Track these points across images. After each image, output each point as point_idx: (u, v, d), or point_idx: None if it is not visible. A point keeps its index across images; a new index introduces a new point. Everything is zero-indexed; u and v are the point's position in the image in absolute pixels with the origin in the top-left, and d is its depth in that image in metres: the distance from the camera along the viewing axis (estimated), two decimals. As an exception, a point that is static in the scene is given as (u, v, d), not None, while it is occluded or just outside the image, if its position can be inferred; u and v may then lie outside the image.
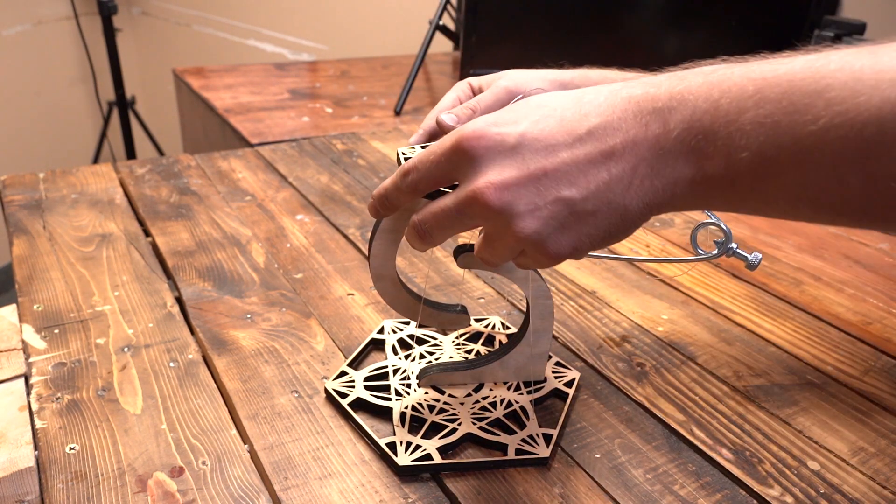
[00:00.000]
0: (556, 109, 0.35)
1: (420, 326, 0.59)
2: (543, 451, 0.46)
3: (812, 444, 0.49)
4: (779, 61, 0.32)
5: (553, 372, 0.54)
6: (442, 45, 1.77)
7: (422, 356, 0.55)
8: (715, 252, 0.43)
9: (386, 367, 0.54)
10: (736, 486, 0.46)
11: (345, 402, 0.50)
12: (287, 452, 0.46)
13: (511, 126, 0.35)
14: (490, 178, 0.34)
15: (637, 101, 0.34)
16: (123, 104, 1.90)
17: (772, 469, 0.47)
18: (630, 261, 0.73)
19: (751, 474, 0.46)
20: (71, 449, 0.45)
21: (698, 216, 0.85)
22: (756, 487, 0.45)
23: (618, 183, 0.33)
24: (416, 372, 0.53)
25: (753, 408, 0.53)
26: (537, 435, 0.48)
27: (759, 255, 0.42)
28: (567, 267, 0.72)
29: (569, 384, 0.53)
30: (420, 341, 0.58)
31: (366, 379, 0.52)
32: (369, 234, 0.76)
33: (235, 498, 0.42)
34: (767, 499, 0.44)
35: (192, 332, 0.58)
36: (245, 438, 0.47)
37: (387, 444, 0.46)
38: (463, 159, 0.35)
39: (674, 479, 0.46)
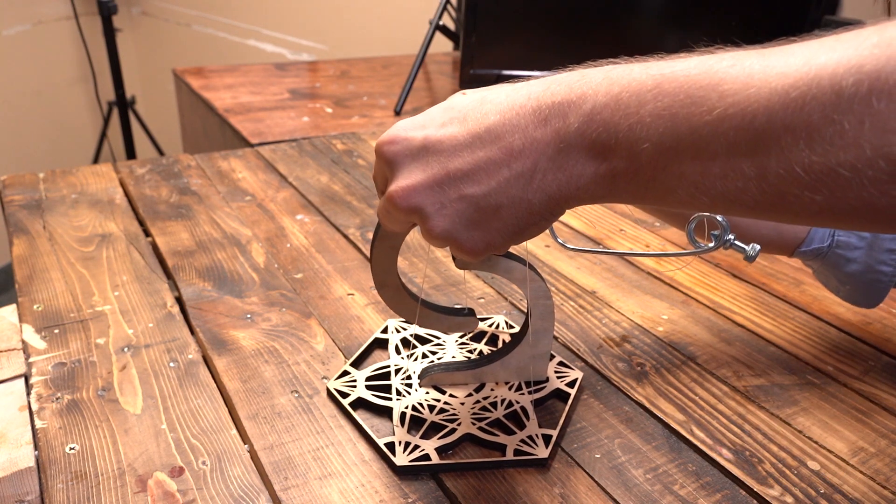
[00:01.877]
0: (461, 111, 0.37)
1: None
2: (542, 451, 0.46)
3: (812, 444, 0.49)
4: (675, 60, 0.33)
5: (556, 372, 0.54)
6: (442, 45, 1.77)
7: (424, 356, 0.55)
8: (712, 245, 0.42)
9: (388, 366, 0.54)
10: (736, 486, 0.46)
11: (346, 402, 0.50)
12: (287, 452, 0.46)
13: (419, 130, 0.37)
14: (399, 182, 0.37)
15: (537, 98, 0.35)
16: (123, 104, 1.90)
17: (772, 469, 0.47)
18: (630, 255, 0.73)
19: (751, 474, 0.46)
20: (71, 449, 0.45)
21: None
22: (756, 487, 0.45)
23: (518, 179, 0.35)
24: (418, 372, 0.53)
25: (753, 408, 0.53)
26: (537, 436, 0.47)
27: (758, 247, 0.42)
28: (567, 267, 0.72)
29: (571, 384, 0.53)
30: (423, 341, 0.58)
31: (368, 378, 0.52)
32: (370, 235, 0.76)
33: (235, 498, 0.42)
34: (767, 499, 0.44)
35: (192, 332, 0.58)
36: (245, 438, 0.47)
37: (385, 444, 0.46)
38: (383, 162, 0.38)
39: (674, 479, 0.46)
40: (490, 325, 0.60)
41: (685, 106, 0.31)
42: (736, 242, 0.42)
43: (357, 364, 0.55)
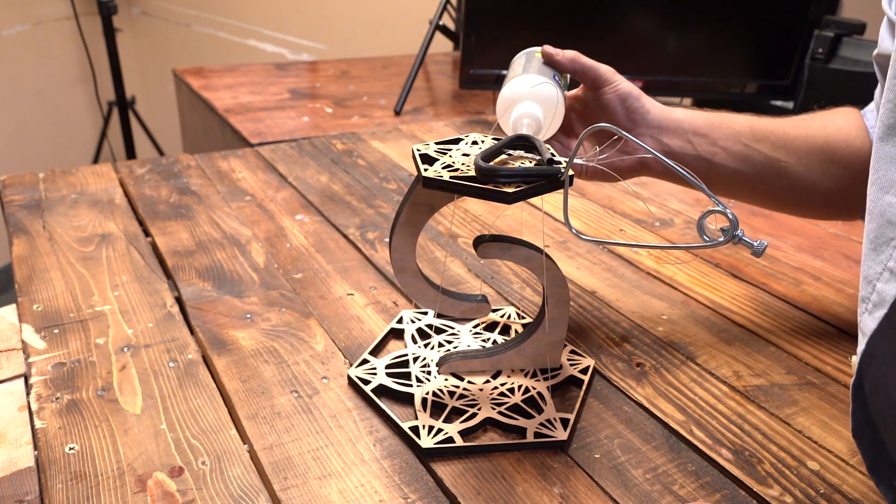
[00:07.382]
0: None
1: (439, 316, 0.60)
2: (561, 434, 0.47)
3: (812, 444, 0.49)
4: None
5: (568, 359, 0.56)
6: (442, 45, 1.76)
7: (440, 345, 0.57)
8: (721, 239, 0.44)
9: (406, 355, 0.55)
10: (736, 486, 0.46)
11: (368, 389, 0.51)
12: (287, 452, 0.46)
13: None
14: None
15: None
16: (123, 104, 1.90)
17: (771, 469, 0.47)
18: (640, 247, 0.73)
19: (750, 474, 0.46)
20: (70, 449, 0.45)
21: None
22: (756, 487, 0.45)
23: None
24: (436, 360, 0.54)
25: (753, 408, 0.53)
26: (555, 419, 0.49)
27: (765, 243, 0.43)
28: (567, 267, 0.72)
29: (584, 371, 0.54)
30: (438, 331, 0.59)
31: (387, 366, 0.53)
32: (370, 235, 0.76)
33: (235, 498, 0.42)
34: (767, 499, 0.44)
35: (191, 332, 0.58)
36: (245, 438, 0.47)
37: (410, 428, 0.47)
38: None
39: (673, 479, 0.46)
40: (502, 316, 0.61)
41: None
42: (744, 238, 0.43)
43: (374, 354, 0.56)
